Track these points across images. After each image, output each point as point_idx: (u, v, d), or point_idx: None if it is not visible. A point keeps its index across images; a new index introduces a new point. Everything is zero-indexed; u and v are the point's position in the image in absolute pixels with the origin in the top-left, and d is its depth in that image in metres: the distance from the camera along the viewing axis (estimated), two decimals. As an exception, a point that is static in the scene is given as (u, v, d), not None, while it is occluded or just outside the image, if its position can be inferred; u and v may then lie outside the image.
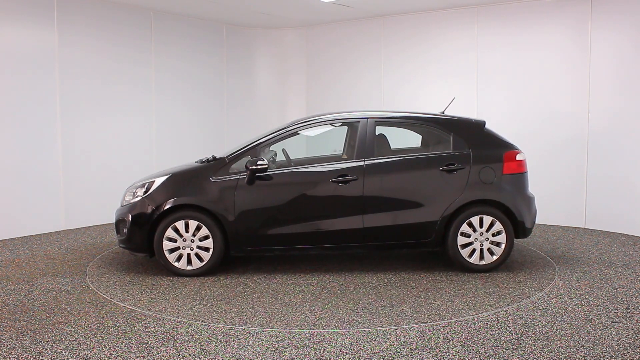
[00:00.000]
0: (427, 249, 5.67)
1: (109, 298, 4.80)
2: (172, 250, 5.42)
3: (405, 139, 6.19)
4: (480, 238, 5.49)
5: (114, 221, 6.13)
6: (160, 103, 8.78)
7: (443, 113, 5.91)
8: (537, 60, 7.89)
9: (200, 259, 5.44)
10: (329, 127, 6.15)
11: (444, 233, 5.51)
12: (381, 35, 9.23)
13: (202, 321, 4.24)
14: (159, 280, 5.33)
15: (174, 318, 4.31)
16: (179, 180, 5.55)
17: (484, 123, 5.81)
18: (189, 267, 5.43)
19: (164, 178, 5.57)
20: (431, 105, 8.01)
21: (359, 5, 8.40)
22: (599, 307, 4.53)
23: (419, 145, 6.09)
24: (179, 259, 5.43)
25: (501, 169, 5.54)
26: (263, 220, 5.44)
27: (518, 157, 5.61)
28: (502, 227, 5.47)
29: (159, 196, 5.43)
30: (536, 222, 7.14)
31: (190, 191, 5.44)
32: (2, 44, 6.96)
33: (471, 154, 5.55)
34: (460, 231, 5.47)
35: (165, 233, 5.38)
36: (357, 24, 9.46)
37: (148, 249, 5.47)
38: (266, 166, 5.36)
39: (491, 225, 5.48)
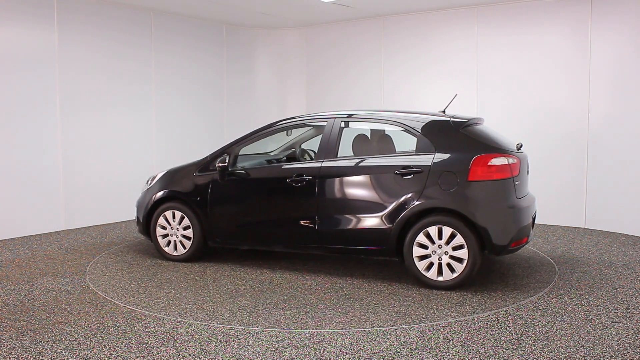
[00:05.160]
0: (382, 258, 5.37)
1: (109, 298, 4.80)
2: (164, 237, 6.07)
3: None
4: (439, 251, 4.91)
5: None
6: (161, 103, 8.78)
7: (444, 112, 5.62)
8: (537, 60, 7.89)
9: (184, 246, 5.98)
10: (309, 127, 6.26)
11: (401, 242, 5.08)
12: (381, 35, 9.23)
13: (202, 321, 4.24)
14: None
15: (173, 318, 4.31)
16: (171, 175, 6.13)
17: (463, 123, 5.17)
18: (175, 253, 6.03)
19: (162, 173, 6.25)
20: (431, 105, 8.01)
21: (359, 5, 8.40)
22: (599, 307, 4.53)
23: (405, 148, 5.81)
24: (168, 244, 6.05)
25: (466, 174, 4.86)
26: (230, 216, 5.78)
27: (492, 162, 4.87)
28: (463, 240, 4.86)
29: (155, 188, 6.14)
30: (536, 222, 7.14)
31: (176, 185, 6.00)
32: (2, 43, 6.95)
33: (434, 156, 5.01)
34: (416, 242, 4.96)
35: (158, 221, 6.04)
36: (357, 24, 9.46)
37: (148, 234, 6.18)
38: (226, 164, 5.67)
39: (452, 237, 4.87)
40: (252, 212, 5.71)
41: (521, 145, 5.52)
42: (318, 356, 3.61)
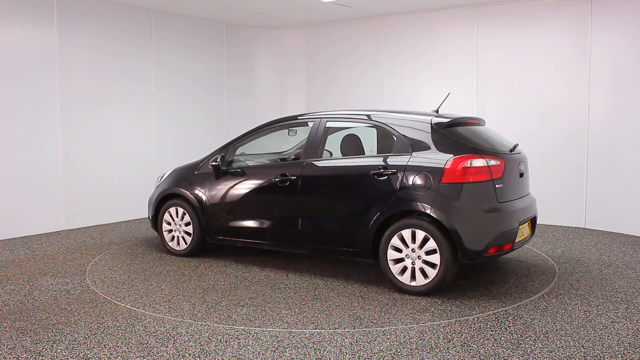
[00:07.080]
0: (360, 260, 5.31)
1: (109, 298, 4.80)
2: (169, 232, 6.33)
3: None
4: (412, 255, 4.75)
5: None
6: (161, 103, 8.78)
7: (437, 111, 5.44)
8: (537, 60, 7.89)
9: (185, 241, 6.21)
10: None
11: (377, 245, 4.96)
12: (381, 35, 9.23)
13: (202, 321, 4.24)
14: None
15: (174, 318, 4.31)
16: (176, 173, 6.39)
17: (444, 123, 4.96)
18: (177, 248, 6.26)
19: (170, 171, 6.52)
20: (431, 104, 8.01)
21: (359, 5, 8.40)
22: (599, 307, 4.53)
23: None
24: (172, 239, 6.31)
25: (440, 176, 4.66)
26: (223, 213, 5.90)
27: (469, 164, 4.63)
28: (436, 245, 4.66)
29: (162, 186, 6.43)
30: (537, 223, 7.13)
31: (179, 183, 6.23)
32: (2, 43, 6.95)
33: (410, 157, 4.85)
34: (391, 244, 4.83)
35: (164, 217, 6.32)
36: (357, 24, 9.46)
37: (157, 229, 6.47)
38: (217, 164, 5.88)
39: (425, 241, 4.69)
40: (243, 210, 5.80)
41: (515, 147, 5.31)
42: (318, 356, 3.61)
